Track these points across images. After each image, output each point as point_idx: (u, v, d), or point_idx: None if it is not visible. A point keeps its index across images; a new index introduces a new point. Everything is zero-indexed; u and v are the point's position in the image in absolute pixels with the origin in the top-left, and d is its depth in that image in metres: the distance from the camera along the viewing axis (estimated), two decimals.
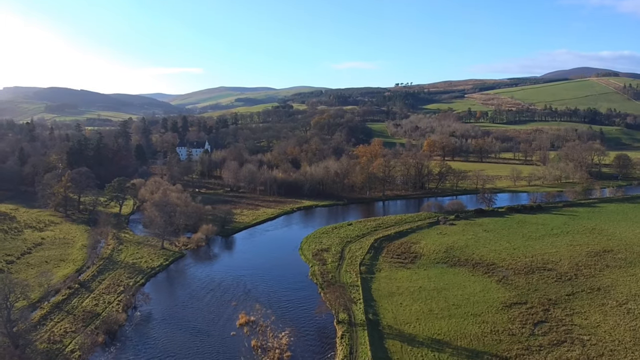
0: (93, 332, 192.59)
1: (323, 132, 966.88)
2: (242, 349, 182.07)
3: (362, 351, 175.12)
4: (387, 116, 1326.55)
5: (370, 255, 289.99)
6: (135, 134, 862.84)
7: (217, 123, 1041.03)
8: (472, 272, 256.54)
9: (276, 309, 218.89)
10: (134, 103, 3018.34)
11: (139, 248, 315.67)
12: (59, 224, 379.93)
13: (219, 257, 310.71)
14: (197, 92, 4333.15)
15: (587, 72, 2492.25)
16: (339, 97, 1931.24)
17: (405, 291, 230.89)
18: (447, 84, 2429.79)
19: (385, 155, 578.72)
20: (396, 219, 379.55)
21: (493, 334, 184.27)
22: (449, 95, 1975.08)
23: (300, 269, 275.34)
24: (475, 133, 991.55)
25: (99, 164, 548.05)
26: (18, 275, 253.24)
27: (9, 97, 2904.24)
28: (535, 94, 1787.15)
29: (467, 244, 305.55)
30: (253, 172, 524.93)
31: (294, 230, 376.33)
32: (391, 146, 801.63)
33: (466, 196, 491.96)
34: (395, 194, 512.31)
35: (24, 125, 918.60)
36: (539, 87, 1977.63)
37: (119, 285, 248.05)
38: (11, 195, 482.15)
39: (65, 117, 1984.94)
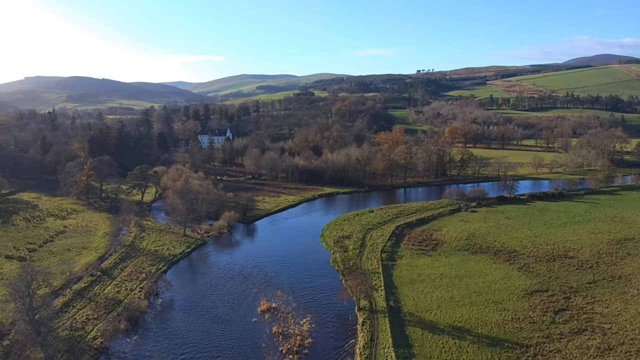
0: (115, 319, 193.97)
1: (344, 119, 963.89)
2: (264, 336, 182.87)
3: (383, 338, 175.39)
4: (408, 103, 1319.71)
5: (391, 243, 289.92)
6: (157, 122, 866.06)
7: (239, 111, 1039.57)
8: (494, 259, 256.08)
9: (297, 295, 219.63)
10: (156, 91, 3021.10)
11: (161, 235, 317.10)
12: (81, 212, 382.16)
13: (241, 244, 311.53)
14: (219, 80, 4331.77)
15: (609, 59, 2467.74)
16: (360, 84, 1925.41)
17: (427, 278, 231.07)
18: (468, 70, 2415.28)
19: (407, 142, 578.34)
20: (417, 206, 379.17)
21: (514, 322, 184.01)
22: (470, 82, 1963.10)
23: (322, 256, 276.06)
24: (497, 120, 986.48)
25: (121, 152, 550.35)
26: (40, 263, 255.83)
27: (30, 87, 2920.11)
28: (557, 81, 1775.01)
29: (489, 231, 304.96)
30: (274, 160, 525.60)
31: (315, 217, 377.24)
32: (413, 133, 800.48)
33: (488, 183, 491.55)
34: (416, 181, 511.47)
35: (46, 114, 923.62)
36: (561, 74, 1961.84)
37: (141, 273, 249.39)
38: (33, 184, 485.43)
39: (87, 106, 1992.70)
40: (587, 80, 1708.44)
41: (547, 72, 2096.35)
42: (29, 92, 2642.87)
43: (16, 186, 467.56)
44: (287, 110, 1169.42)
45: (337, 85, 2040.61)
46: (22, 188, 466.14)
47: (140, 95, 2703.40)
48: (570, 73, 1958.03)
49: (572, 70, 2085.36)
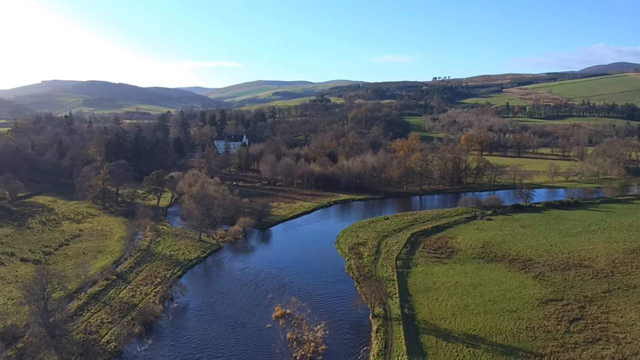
0: (129, 323, 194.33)
1: (360, 125, 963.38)
2: (278, 342, 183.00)
3: (397, 345, 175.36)
4: (424, 110, 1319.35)
5: (406, 250, 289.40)
6: (173, 127, 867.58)
7: (255, 116, 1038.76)
8: (509, 267, 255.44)
9: (312, 302, 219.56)
10: (172, 97, 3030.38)
11: (176, 240, 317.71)
12: (97, 216, 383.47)
13: (256, 250, 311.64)
14: (235, 85, 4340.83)
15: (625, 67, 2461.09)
16: (376, 91, 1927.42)
17: (442, 286, 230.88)
18: (484, 78, 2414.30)
19: (423, 150, 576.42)
20: (433, 214, 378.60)
21: (528, 331, 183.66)
22: (486, 89, 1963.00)
23: (337, 263, 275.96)
24: (513, 128, 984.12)
25: (137, 157, 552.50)
26: (55, 266, 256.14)
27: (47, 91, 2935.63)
28: (573, 88, 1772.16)
29: (504, 239, 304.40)
30: (290, 166, 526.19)
31: (330, 223, 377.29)
32: (429, 140, 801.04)
33: (504, 191, 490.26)
34: (432, 189, 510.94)
35: (63, 118, 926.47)
36: (577, 82, 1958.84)
37: (156, 277, 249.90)
38: (49, 188, 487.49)
39: (104, 110, 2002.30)
40: (603, 88, 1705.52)
41: (563, 80, 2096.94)
42: (46, 96, 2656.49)
43: (32, 189, 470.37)
44: (303, 116, 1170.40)
45: (353, 91, 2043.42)
46: (38, 191, 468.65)
47: (157, 100, 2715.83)
48: (586, 81, 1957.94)
49: (588, 78, 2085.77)
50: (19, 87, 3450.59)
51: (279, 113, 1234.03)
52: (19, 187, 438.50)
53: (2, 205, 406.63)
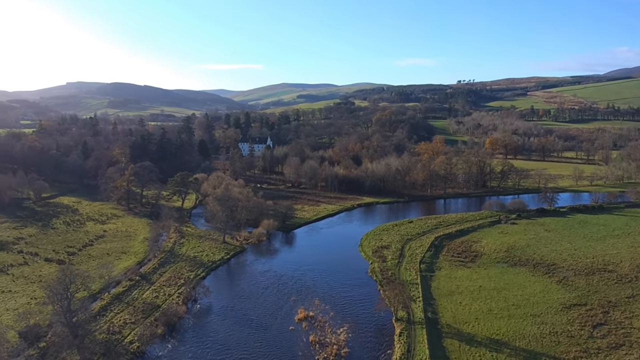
0: (152, 324, 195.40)
1: (385, 129, 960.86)
2: (300, 344, 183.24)
3: (420, 349, 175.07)
4: (449, 113, 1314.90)
5: (430, 254, 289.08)
6: (198, 129, 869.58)
7: (279, 119, 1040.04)
8: (533, 272, 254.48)
9: (335, 304, 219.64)
10: (197, 99, 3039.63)
11: (200, 242, 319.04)
12: (121, 217, 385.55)
13: (280, 252, 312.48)
14: (260, 88, 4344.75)
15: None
16: (400, 94, 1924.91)
17: (465, 290, 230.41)
18: (509, 81, 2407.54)
19: (447, 153, 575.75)
20: (457, 217, 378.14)
21: (552, 335, 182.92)
22: (511, 92, 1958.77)
23: (360, 266, 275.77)
24: (538, 131, 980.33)
25: (162, 159, 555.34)
26: (79, 266, 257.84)
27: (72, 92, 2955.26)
28: (597, 92, 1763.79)
29: (529, 243, 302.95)
30: (314, 168, 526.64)
31: (354, 226, 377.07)
32: (453, 144, 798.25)
33: (528, 195, 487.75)
34: (456, 192, 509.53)
35: (88, 119, 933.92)
36: (602, 86, 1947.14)
37: (180, 278, 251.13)
38: (74, 189, 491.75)
39: (129, 112, 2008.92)
40: (628, 91, 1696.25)
41: (587, 83, 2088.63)
42: (71, 98, 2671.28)
43: (57, 190, 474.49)
44: (328, 119, 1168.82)
45: (377, 94, 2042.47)
46: (63, 192, 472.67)
47: (181, 103, 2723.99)
48: (610, 84, 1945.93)
49: (612, 81, 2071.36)
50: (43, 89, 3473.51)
51: (303, 116, 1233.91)
52: (44, 188, 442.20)
53: (27, 206, 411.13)
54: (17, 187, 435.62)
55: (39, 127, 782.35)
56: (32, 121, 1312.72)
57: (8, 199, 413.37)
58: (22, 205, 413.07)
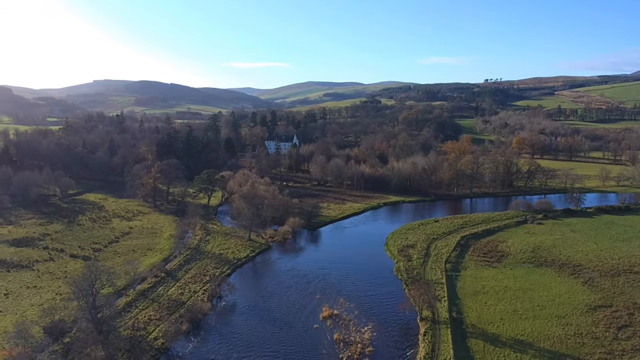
0: (177, 320, 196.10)
1: (411, 127, 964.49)
2: (325, 342, 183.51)
3: (444, 349, 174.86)
4: (475, 112, 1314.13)
5: (456, 253, 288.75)
6: (224, 127, 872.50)
7: (306, 117, 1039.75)
8: (558, 272, 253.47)
9: (360, 303, 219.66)
10: (224, 97, 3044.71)
11: (226, 239, 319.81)
12: (147, 214, 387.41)
13: (305, 250, 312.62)
14: (286, 86, 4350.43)
15: None
16: (427, 93, 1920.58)
17: (490, 290, 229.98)
18: (536, 80, 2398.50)
19: (474, 152, 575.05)
20: (483, 217, 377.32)
21: (576, 337, 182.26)
22: (538, 92, 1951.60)
23: (386, 264, 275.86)
24: (565, 131, 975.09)
25: (188, 156, 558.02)
26: (105, 263, 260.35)
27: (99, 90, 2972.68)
28: (625, 92, 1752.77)
29: (555, 244, 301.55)
30: (340, 167, 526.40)
31: (379, 225, 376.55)
32: (480, 143, 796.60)
33: (555, 195, 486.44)
34: (483, 192, 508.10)
35: (114, 117, 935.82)
36: (629, 85, 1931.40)
37: (205, 275, 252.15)
38: (100, 185, 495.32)
39: (155, 110, 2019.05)
40: None
41: (614, 83, 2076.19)
42: (98, 95, 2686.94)
43: (83, 187, 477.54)
44: (354, 117, 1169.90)
45: (404, 93, 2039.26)
46: (89, 189, 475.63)
47: (208, 101, 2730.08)
48: (638, 84, 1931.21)
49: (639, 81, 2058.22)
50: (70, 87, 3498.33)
51: (330, 114, 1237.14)
52: (70, 185, 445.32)
53: (53, 202, 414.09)
54: (43, 184, 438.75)
55: (65, 124, 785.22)
56: (58, 118, 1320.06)
57: (34, 195, 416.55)
58: (48, 202, 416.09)
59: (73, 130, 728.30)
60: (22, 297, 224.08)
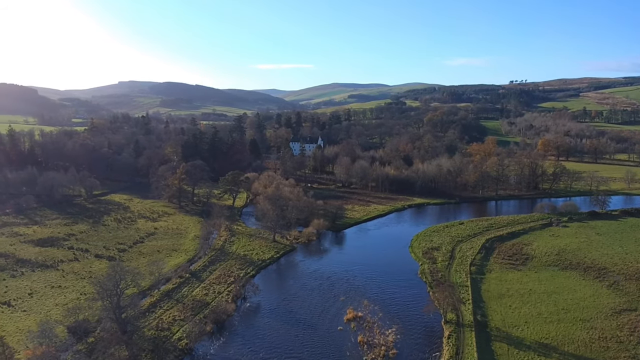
0: (201, 321, 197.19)
1: (436, 129, 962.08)
2: (348, 344, 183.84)
3: (468, 352, 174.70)
4: (501, 114, 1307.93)
5: (481, 256, 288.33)
6: (249, 128, 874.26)
7: (330, 119, 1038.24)
8: (583, 276, 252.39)
9: (384, 305, 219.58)
10: (248, 99, 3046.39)
11: (250, 240, 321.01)
12: (172, 214, 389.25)
13: (329, 252, 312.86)
14: (311, 88, 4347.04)
15: None
16: (452, 94, 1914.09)
17: (515, 293, 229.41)
18: (561, 81, 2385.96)
19: (499, 154, 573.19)
20: (508, 220, 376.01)
21: (601, 341, 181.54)
22: (563, 93, 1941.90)
23: (410, 267, 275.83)
24: (590, 133, 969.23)
25: (214, 158, 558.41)
26: (129, 263, 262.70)
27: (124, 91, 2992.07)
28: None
29: (580, 247, 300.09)
30: (365, 168, 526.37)
31: (404, 227, 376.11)
32: (505, 145, 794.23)
33: (580, 198, 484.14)
34: (508, 194, 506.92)
35: (139, 118, 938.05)
36: None
37: (230, 276, 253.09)
38: (125, 186, 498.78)
39: (180, 111, 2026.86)
40: None
41: None
42: (123, 96, 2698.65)
43: (108, 187, 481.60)
44: (379, 119, 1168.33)
45: (429, 95, 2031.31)
46: (114, 189, 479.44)
47: (233, 102, 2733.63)
48: None
49: None
50: (95, 87, 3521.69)
51: (354, 116, 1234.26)
52: (95, 185, 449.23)
53: (78, 203, 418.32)
54: (68, 185, 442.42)
55: (90, 125, 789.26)
56: (83, 119, 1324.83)
57: (59, 195, 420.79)
58: (73, 202, 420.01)
59: (98, 131, 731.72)
60: (46, 296, 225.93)
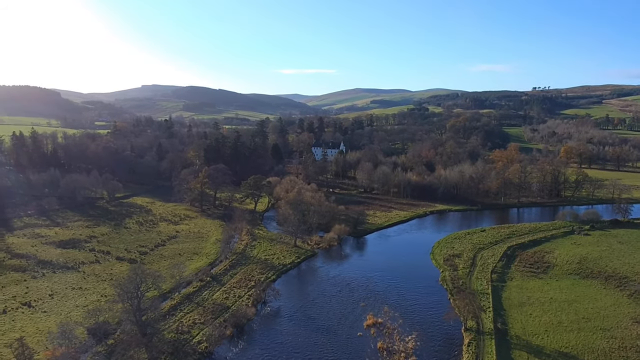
0: (221, 325, 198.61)
1: (458, 135, 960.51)
2: (368, 350, 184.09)
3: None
4: (524, 121, 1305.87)
5: (502, 263, 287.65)
6: (272, 133, 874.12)
7: (353, 124, 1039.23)
8: (604, 284, 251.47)
9: (404, 312, 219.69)
10: (271, 103, 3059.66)
11: (271, 245, 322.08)
12: (194, 218, 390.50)
13: (350, 258, 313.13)
14: (334, 93, 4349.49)
15: None
16: (475, 100, 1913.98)
17: (536, 302, 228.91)
18: (584, 88, 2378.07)
19: (522, 161, 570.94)
20: (530, 227, 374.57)
21: (620, 350, 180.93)
22: (586, 100, 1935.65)
23: (431, 274, 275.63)
24: (613, 140, 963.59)
25: (236, 162, 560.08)
26: (151, 266, 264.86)
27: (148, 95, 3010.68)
28: None
29: (601, 255, 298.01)
30: (387, 174, 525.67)
31: (426, 234, 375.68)
32: (528, 151, 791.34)
33: (602, 206, 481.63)
34: (530, 201, 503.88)
35: (163, 122, 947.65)
36: None
37: (250, 280, 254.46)
38: (148, 189, 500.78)
39: (203, 115, 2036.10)
40: None
41: None
42: (146, 100, 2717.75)
43: (131, 190, 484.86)
44: (401, 125, 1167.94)
45: (451, 101, 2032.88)
46: (137, 192, 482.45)
47: (255, 107, 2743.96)
48: None
49: None
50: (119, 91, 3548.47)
51: (377, 121, 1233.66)
52: (118, 188, 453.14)
53: (100, 205, 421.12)
54: (90, 187, 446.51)
55: (113, 128, 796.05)
56: (106, 122, 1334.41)
57: (82, 198, 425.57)
58: (96, 205, 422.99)
59: (121, 134, 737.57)
60: (67, 298, 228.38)
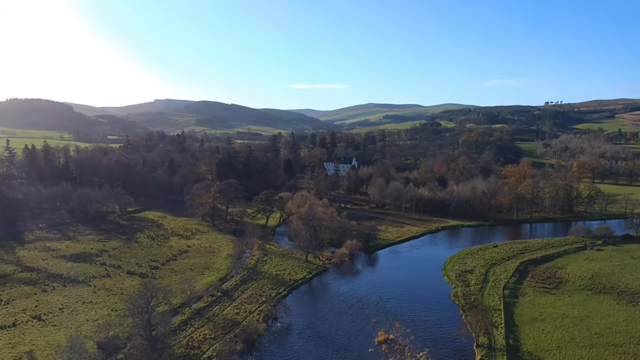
0: (232, 340, 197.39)
1: (471, 150, 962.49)
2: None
3: None
4: (536, 135, 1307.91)
5: (514, 279, 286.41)
6: (284, 148, 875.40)
7: (365, 139, 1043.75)
8: (617, 300, 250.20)
9: (416, 328, 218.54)
10: (283, 118, 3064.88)
11: (283, 260, 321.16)
12: (206, 233, 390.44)
13: (362, 273, 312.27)
14: (346, 108, 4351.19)
15: None
16: (487, 115, 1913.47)
17: (548, 317, 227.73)
18: (597, 103, 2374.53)
19: (534, 176, 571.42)
20: (543, 243, 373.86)
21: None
22: (599, 115, 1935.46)
23: (443, 290, 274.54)
24: (625, 155, 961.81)
25: (248, 177, 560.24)
26: (161, 280, 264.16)
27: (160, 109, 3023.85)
28: None
29: (614, 270, 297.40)
30: (399, 190, 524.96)
31: (438, 249, 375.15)
32: (540, 167, 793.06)
33: (614, 220, 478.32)
34: (542, 216, 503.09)
35: (175, 136, 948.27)
36: None
37: (261, 296, 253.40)
38: (159, 204, 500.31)
39: (216, 130, 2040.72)
40: None
41: None
42: (159, 114, 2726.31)
43: (142, 205, 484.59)
44: (413, 140, 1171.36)
45: (464, 116, 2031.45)
46: (148, 207, 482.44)
47: (268, 122, 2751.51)
48: None
49: None
50: (131, 105, 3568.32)
51: (389, 136, 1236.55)
52: (129, 202, 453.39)
53: (112, 219, 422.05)
54: (102, 201, 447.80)
55: (125, 142, 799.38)
56: (119, 136, 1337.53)
57: (93, 212, 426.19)
58: (107, 219, 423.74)
59: (133, 148, 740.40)
60: (77, 311, 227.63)
